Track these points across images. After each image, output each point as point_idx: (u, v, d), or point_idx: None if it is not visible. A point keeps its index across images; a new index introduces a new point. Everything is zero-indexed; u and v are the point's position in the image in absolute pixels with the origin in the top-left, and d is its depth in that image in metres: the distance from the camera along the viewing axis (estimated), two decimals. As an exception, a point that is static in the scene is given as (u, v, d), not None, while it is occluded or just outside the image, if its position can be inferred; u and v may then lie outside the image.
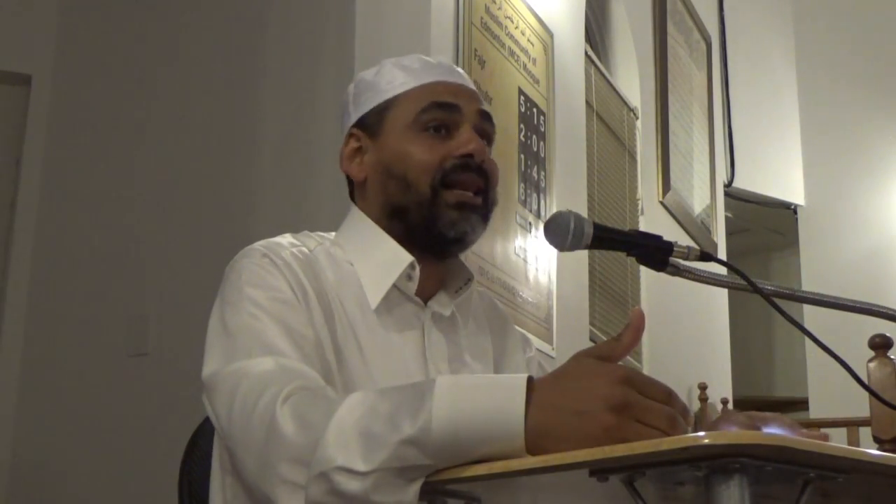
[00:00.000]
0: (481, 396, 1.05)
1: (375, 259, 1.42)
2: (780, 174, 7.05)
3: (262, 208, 3.04)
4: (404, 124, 1.42)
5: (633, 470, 0.95)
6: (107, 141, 3.37)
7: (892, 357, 3.53)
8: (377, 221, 1.44)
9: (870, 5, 7.08)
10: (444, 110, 1.42)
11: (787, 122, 7.08)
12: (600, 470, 0.97)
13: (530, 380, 1.05)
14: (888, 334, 3.54)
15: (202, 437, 1.59)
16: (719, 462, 0.91)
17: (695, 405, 5.39)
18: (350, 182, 1.51)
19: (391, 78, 1.46)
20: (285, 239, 1.45)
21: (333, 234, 1.51)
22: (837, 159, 7.03)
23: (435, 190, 1.39)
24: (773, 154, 7.00)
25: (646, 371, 4.76)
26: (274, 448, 1.12)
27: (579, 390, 1.02)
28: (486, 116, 1.46)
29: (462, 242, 1.42)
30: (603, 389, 1.01)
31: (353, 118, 1.48)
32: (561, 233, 1.40)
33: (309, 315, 1.32)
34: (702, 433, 0.90)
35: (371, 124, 1.45)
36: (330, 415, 1.09)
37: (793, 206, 7.12)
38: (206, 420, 1.60)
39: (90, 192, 3.35)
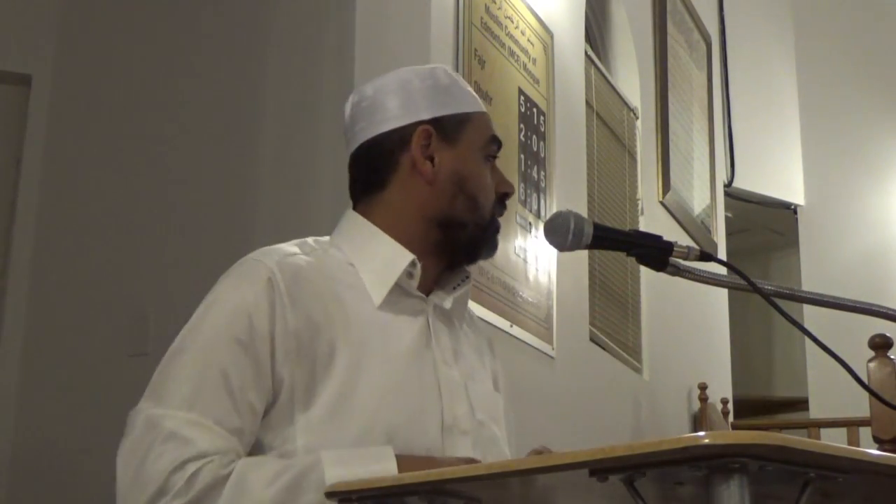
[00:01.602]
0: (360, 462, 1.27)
1: (377, 258, 1.46)
2: (780, 174, 7.05)
3: (262, 208, 3.04)
4: (479, 145, 1.49)
5: (633, 470, 0.95)
6: (107, 141, 3.37)
7: (892, 357, 3.53)
8: (411, 221, 1.47)
9: (870, 6, 7.08)
10: (498, 147, 1.53)
11: (787, 122, 7.08)
12: (600, 470, 0.97)
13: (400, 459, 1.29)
14: (888, 334, 3.54)
15: (202, 437, 1.59)
16: (719, 462, 0.91)
17: (695, 405, 5.39)
18: (377, 170, 1.48)
19: (464, 93, 1.52)
20: (289, 247, 1.48)
21: (328, 237, 1.54)
22: (837, 159, 7.03)
23: (492, 216, 1.50)
24: (773, 154, 7.01)
25: (646, 371, 4.76)
26: None
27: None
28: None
29: (479, 260, 1.53)
30: None
31: (426, 112, 1.47)
32: (561, 233, 1.40)
33: (265, 355, 1.36)
34: (702, 433, 0.90)
35: (449, 131, 1.48)
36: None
37: (793, 206, 7.13)
38: (207, 420, 1.60)
39: (90, 192, 3.34)
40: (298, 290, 1.39)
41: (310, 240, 1.52)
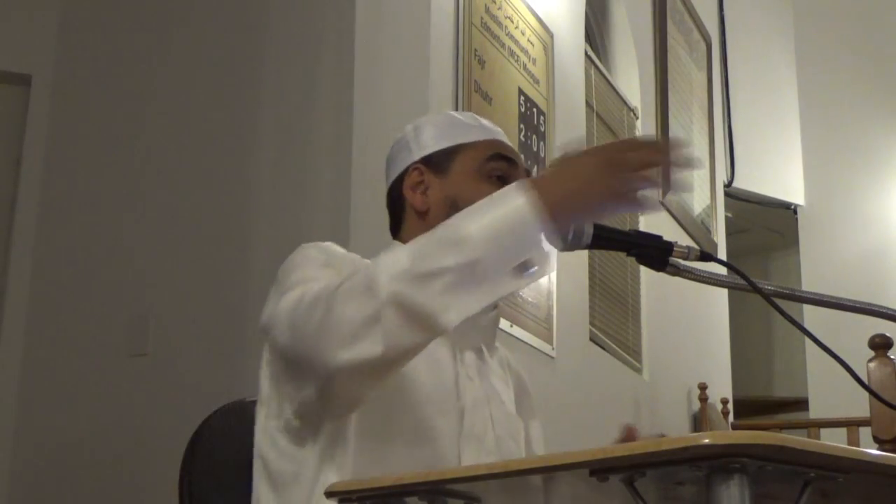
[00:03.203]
0: (494, 205, 1.27)
1: None
2: (780, 174, 7.05)
3: (262, 209, 3.04)
4: (472, 168, 1.58)
5: (633, 470, 0.95)
6: (107, 141, 3.37)
7: (892, 357, 3.53)
8: None
9: (870, 6, 7.08)
10: (506, 162, 1.59)
11: (787, 122, 7.08)
12: (600, 470, 0.97)
13: (529, 180, 1.29)
14: (888, 334, 3.54)
15: (203, 438, 1.59)
16: (719, 462, 0.91)
17: (695, 405, 5.39)
18: (396, 210, 1.62)
19: (460, 127, 1.63)
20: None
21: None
22: (837, 159, 7.03)
23: None
24: (773, 154, 7.00)
25: (646, 371, 4.76)
26: (338, 311, 1.23)
27: (571, 168, 1.28)
28: (529, 175, 1.61)
29: None
30: (582, 161, 1.28)
31: (418, 155, 1.61)
32: (561, 232, 1.40)
33: None
34: (702, 433, 0.90)
35: (438, 163, 1.59)
36: (375, 267, 1.25)
37: (793, 206, 7.12)
38: (207, 421, 1.61)
39: (90, 191, 3.34)
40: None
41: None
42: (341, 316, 1.24)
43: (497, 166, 1.58)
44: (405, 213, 1.61)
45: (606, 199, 1.27)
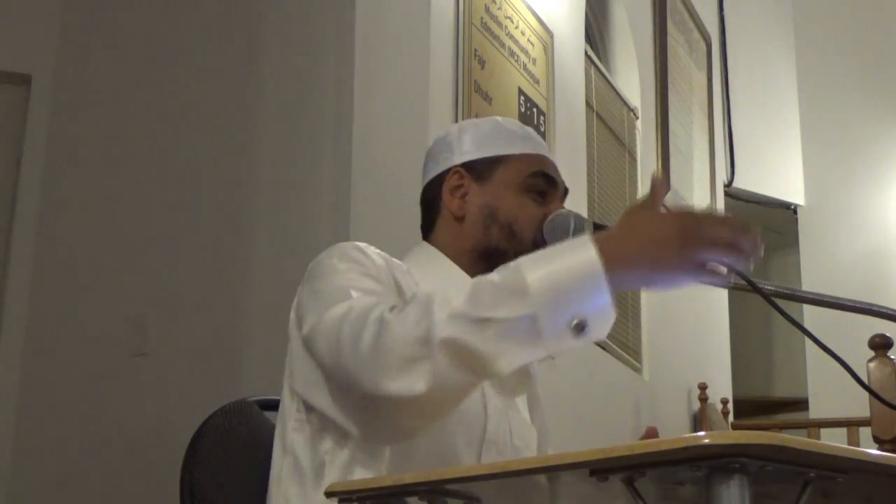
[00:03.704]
0: (558, 257, 1.24)
1: (443, 281, 1.52)
2: (780, 174, 7.05)
3: (262, 208, 3.04)
4: (514, 181, 1.57)
5: (633, 470, 0.95)
6: (107, 141, 3.37)
7: (892, 357, 3.54)
8: (458, 255, 1.57)
9: (870, 6, 7.08)
10: (547, 181, 1.59)
11: (787, 122, 7.08)
12: (600, 470, 0.97)
13: (597, 236, 1.24)
14: (888, 334, 3.54)
15: (203, 438, 1.59)
16: (719, 462, 0.91)
17: (695, 405, 5.39)
18: (431, 209, 1.62)
19: (507, 136, 1.62)
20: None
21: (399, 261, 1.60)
22: (837, 159, 7.03)
23: (536, 244, 1.52)
24: (773, 154, 7.01)
25: (646, 371, 4.76)
26: (389, 339, 1.22)
27: (643, 231, 1.24)
28: (566, 193, 1.64)
29: None
30: (657, 222, 1.24)
31: (460, 159, 1.61)
32: (561, 233, 1.40)
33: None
34: (702, 433, 0.90)
35: (480, 170, 1.59)
36: (430, 303, 1.22)
37: (793, 206, 7.13)
38: (207, 420, 1.60)
39: (90, 191, 3.34)
40: (384, 262, 1.48)
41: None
42: (392, 346, 1.22)
43: (538, 183, 1.58)
44: (440, 216, 1.61)
45: (677, 269, 1.24)
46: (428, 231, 1.63)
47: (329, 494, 1.16)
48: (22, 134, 3.42)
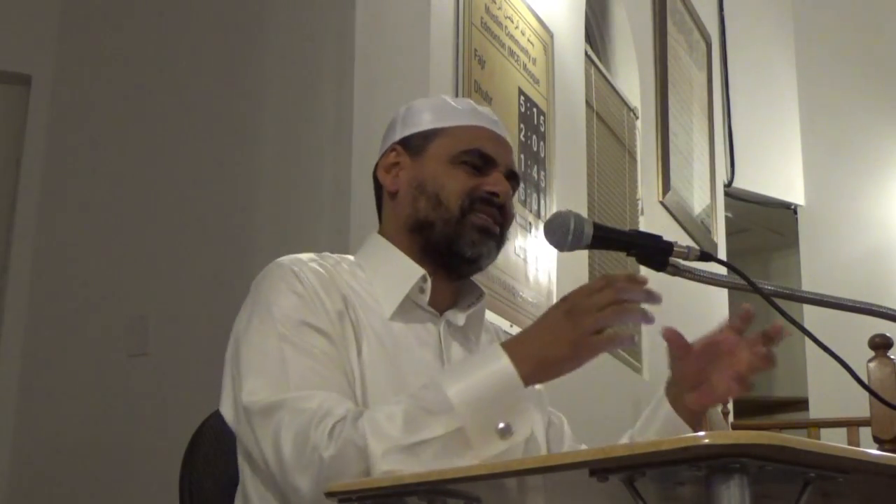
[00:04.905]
0: (475, 369, 1.30)
1: (390, 272, 1.52)
2: (780, 174, 7.04)
3: (262, 208, 3.04)
4: (446, 155, 1.54)
5: (633, 470, 0.95)
6: (107, 141, 3.37)
7: (892, 357, 3.54)
8: (398, 234, 1.55)
9: (870, 5, 7.08)
10: (483, 160, 1.55)
11: (787, 122, 7.08)
12: (600, 470, 0.97)
13: (506, 343, 1.32)
14: (888, 334, 3.54)
15: (203, 438, 1.59)
16: (719, 462, 0.91)
17: (695, 405, 5.38)
18: (378, 192, 1.61)
19: (443, 111, 1.59)
20: (306, 256, 1.53)
21: (352, 256, 1.59)
22: (837, 159, 7.02)
23: (463, 211, 1.51)
24: (773, 154, 7.00)
25: (646, 371, 4.76)
26: (332, 477, 1.23)
27: (539, 325, 1.34)
28: (513, 176, 1.60)
29: (476, 264, 1.54)
30: (550, 315, 1.33)
31: (398, 136, 1.59)
32: (561, 233, 1.40)
33: (331, 329, 1.41)
34: (702, 433, 0.90)
35: (415, 145, 1.56)
36: (365, 437, 1.25)
37: (793, 206, 7.12)
38: (207, 420, 1.60)
39: (90, 192, 3.34)
40: (322, 283, 1.45)
41: (327, 253, 1.57)
42: (335, 479, 1.23)
43: (472, 161, 1.54)
44: (383, 198, 1.60)
45: (574, 350, 1.30)
46: (379, 217, 1.61)
47: (329, 494, 1.16)
48: (22, 134, 3.42)
